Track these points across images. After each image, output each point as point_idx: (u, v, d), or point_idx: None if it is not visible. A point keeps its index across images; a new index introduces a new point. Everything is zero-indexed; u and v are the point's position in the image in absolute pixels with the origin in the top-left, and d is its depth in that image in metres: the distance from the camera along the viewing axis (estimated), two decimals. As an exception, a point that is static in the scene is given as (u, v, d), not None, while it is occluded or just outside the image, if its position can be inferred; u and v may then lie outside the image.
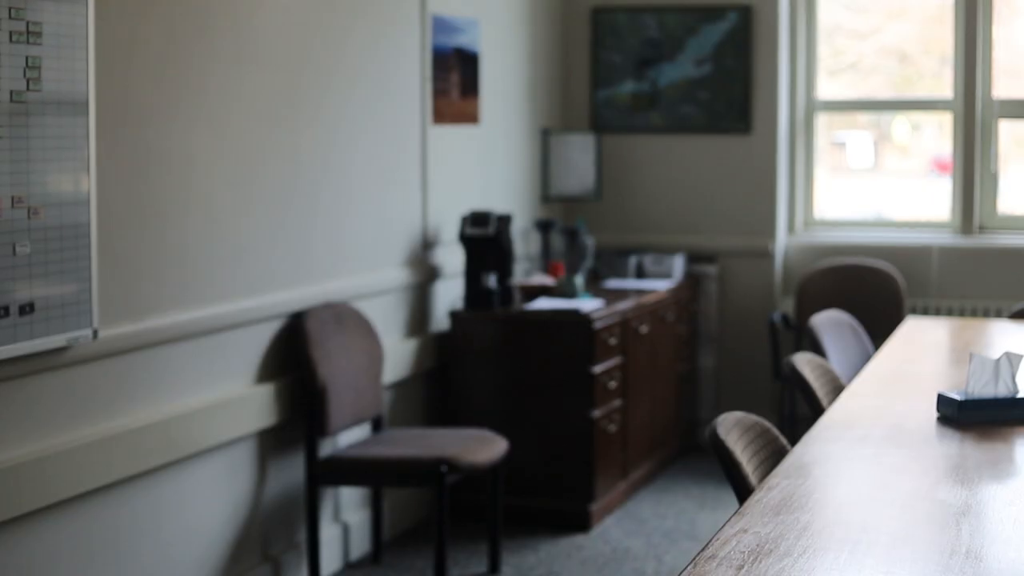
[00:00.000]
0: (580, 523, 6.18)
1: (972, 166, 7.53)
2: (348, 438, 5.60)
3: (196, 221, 4.75)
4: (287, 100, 5.26)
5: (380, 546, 5.79)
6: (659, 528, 6.23)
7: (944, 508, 3.05)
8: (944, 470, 3.47)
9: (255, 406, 5.05)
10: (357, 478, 5.35)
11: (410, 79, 6.17)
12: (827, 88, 7.92)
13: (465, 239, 6.28)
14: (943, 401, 3.94)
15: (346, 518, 5.75)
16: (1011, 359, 3.95)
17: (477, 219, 6.28)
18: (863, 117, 8.28)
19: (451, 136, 6.50)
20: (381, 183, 5.94)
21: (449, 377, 6.34)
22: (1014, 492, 3.31)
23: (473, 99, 6.69)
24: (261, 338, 5.15)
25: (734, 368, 7.76)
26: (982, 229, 7.60)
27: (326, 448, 5.42)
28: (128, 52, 4.39)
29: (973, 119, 7.52)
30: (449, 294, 6.47)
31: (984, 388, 3.91)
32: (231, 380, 4.98)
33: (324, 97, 5.50)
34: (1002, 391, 3.91)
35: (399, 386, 6.08)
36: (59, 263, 4.03)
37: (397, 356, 5.98)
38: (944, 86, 7.64)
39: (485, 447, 5.38)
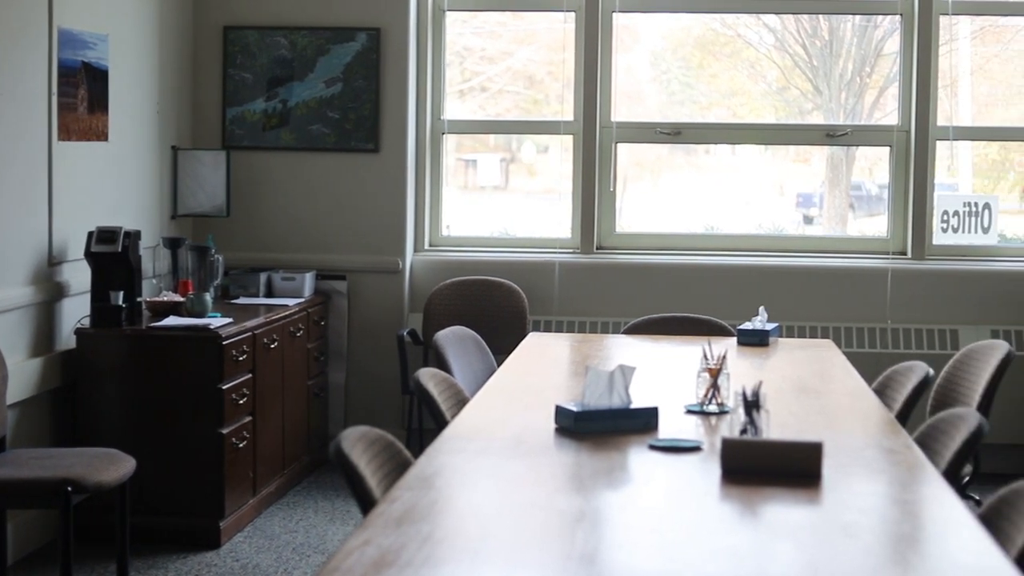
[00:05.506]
0: (210, 540, 6.15)
1: (592, 187, 7.83)
2: (-31, 460, 5.45)
3: None
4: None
5: (4, 570, 5.65)
6: (289, 543, 6.26)
7: (561, 515, 3.19)
8: (561, 479, 3.62)
9: None
10: (-22, 501, 5.22)
11: (36, 93, 6.04)
12: (457, 109, 8.10)
13: (92, 256, 6.18)
14: (561, 413, 4.10)
15: (-33, 542, 5.60)
16: (624, 371, 4.14)
17: (104, 236, 6.18)
18: (494, 138, 8.49)
19: (79, 152, 6.38)
20: (3, 198, 5.79)
21: (76, 396, 6.22)
22: (626, 498, 3.49)
23: (102, 115, 6.58)
24: None
25: (364, 383, 7.85)
26: (600, 248, 7.90)
27: (-55, 470, 5.26)
28: None
29: (593, 141, 7.82)
30: (76, 312, 6.35)
31: (599, 400, 4.08)
32: None
33: (-57, 110, 5.35)
34: (616, 402, 4.09)
35: (23, 406, 5.94)
36: None
37: (21, 375, 5.85)
38: (567, 110, 7.90)
39: (112, 466, 5.31)
